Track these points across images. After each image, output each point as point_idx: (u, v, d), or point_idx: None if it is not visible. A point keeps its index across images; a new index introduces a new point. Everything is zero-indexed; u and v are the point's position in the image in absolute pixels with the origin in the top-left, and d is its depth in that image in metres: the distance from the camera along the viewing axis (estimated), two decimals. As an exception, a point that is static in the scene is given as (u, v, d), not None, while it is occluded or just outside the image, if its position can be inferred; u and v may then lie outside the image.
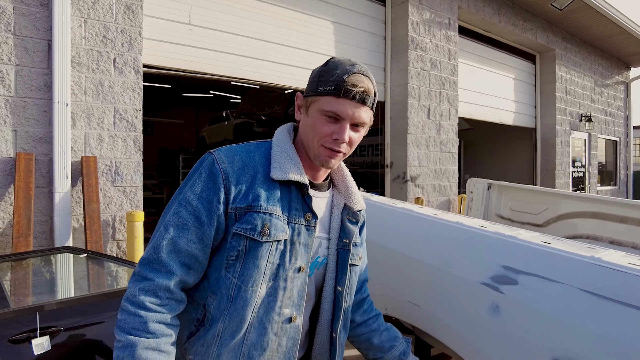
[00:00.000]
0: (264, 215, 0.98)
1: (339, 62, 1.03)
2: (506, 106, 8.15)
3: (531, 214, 3.43)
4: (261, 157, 1.04)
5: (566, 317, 1.16)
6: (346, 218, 1.15)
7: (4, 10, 3.10)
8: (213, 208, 0.96)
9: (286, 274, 1.01)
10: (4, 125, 3.09)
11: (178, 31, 4.22)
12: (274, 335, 1.01)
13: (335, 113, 0.99)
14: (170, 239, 0.94)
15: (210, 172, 0.98)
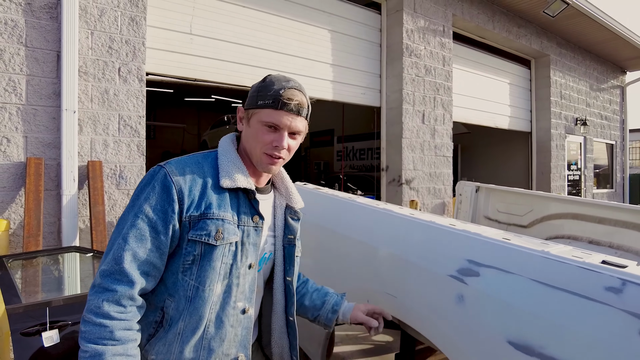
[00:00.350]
0: (217, 221, 1.07)
1: (275, 78, 1.16)
2: (502, 110, 8.31)
3: (517, 216, 3.58)
4: (209, 167, 1.13)
5: (518, 304, 1.32)
6: (289, 217, 1.29)
7: (16, 23, 3.29)
8: (168, 218, 1.03)
9: (238, 271, 1.12)
10: (15, 131, 3.27)
11: (180, 40, 4.40)
12: (230, 327, 1.11)
13: (274, 124, 1.12)
14: (130, 249, 1.00)
15: (164, 184, 1.04)
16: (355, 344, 3.69)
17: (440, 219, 1.76)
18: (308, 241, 2.47)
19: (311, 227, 2.41)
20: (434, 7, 6.33)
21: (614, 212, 3.01)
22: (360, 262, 1.94)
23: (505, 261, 1.40)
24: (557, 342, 1.21)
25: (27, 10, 3.34)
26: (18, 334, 1.66)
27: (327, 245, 2.21)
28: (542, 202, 3.42)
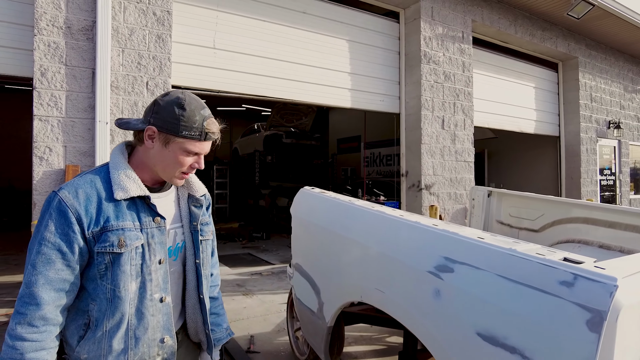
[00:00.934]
0: (117, 232, 1.16)
1: (194, 106, 1.24)
2: (527, 115, 8.20)
3: (528, 220, 3.59)
4: (102, 182, 1.20)
5: (486, 298, 1.43)
6: (191, 205, 1.40)
7: (58, 45, 3.65)
8: (71, 239, 1.12)
9: (149, 269, 1.23)
10: (56, 142, 3.62)
11: (203, 55, 4.69)
12: (151, 316, 1.24)
13: (199, 152, 1.26)
14: (39, 273, 1.09)
15: (59, 210, 1.12)
16: (369, 344, 3.79)
17: (426, 219, 1.88)
18: (312, 242, 2.63)
19: (315, 229, 2.57)
20: (452, 14, 6.38)
21: (625, 217, 2.99)
22: (355, 260, 2.08)
23: (476, 258, 1.51)
24: (517, 333, 1.32)
25: (67, 33, 3.70)
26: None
27: (328, 245, 2.36)
28: (553, 207, 3.42)
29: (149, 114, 1.25)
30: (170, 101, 1.23)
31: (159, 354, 1.27)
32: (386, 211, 2.04)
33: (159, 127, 1.22)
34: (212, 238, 1.52)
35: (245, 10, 5.02)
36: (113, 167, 1.23)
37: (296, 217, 2.79)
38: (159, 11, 4.10)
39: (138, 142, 1.29)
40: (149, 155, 1.26)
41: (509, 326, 1.35)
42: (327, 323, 2.34)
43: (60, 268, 1.12)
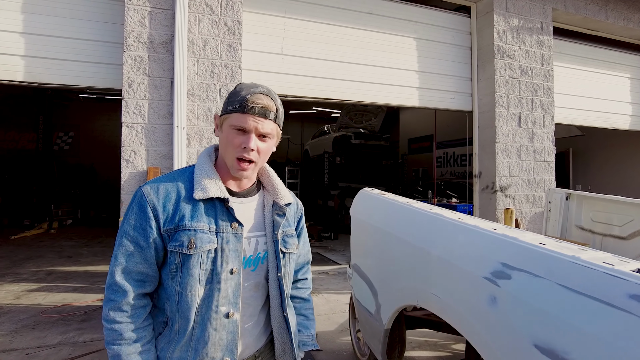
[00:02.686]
0: (189, 232, 1.13)
1: (244, 85, 1.21)
2: (620, 109, 7.38)
3: (614, 226, 3.24)
4: (185, 181, 1.19)
5: (546, 309, 1.34)
6: (275, 213, 1.31)
7: (142, 58, 4.03)
8: (147, 234, 1.13)
9: (219, 277, 1.16)
10: (140, 146, 4.00)
11: (272, 61, 4.88)
12: (213, 330, 1.16)
13: (242, 127, 1.16)
14: (119, 265, 1.13)
15: (140, 205, 1.15)
16: (433, 350, 3.69)
17: (486, 223, 1.79)
18: (370, 243, 2.62)
19: (373, 230, 2.56)
20: (529, 4, 5.96)
21: None
22: (411, 263, 2.05)
23: (535, 265, 1.41)
24: (580, 349, 1.22)
25: (150, 47, 4.07)
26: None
27: (385, 247, 2.35)
28: (644, 211, 3.07)
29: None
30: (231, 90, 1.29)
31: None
32: (444, 214, 1.98)
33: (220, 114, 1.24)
34: (298, 254, 1.43)
35: (312, 15, 5.13)
36: (198, 167, 1.22)
37: (355, 217, 2.81)
38: (229, 21, 4.35)
39: None
40: (220, 150, 1.26)
41: (571, 340, 1.25)
42: (384, 325, 2.33)
43: (138, 261, 1.14)
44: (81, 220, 12.71)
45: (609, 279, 1.20)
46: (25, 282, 5.69)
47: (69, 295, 5.03)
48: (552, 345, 1.29)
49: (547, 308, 1.34)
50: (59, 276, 6.03)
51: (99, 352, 3.46)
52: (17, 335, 3.82)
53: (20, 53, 4.00)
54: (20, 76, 3.99)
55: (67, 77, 4.16)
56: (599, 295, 1.21)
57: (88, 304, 4.70)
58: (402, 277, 2.13)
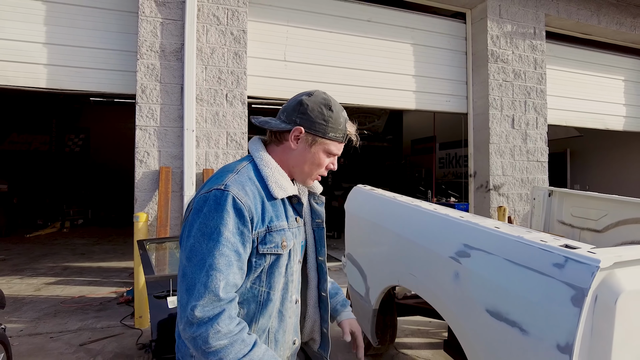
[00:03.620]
0: (280, 232, 1.14)
1: (338, 107, 1.22)
2: (614, 110, 7.60)
3: (591, 220, 3.50)
4: (259, 180, 1.16)
5: (494, 279, 1.62)
6: (314, 202, 1.37)
7: (154, 66, 4.35)
8: (246, 239, 1.07)
9: (292, 269, 1.21)
10: (153, 147, 4.32)
11: (275, 67, 5.19)
12: (289, 318, 1.22)
13: (336, 153, 1.24)
14: (224, 278, 1.02)
15: (236, 208, 1.05)
16: (425, 337, 3.95)
17: (455, 212, 2.07)
18: (360, 233, 2.90)
19: (363, 222, 2.85)
20: (522, 10, 6.21)
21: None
22: (394, 249, 2.33)
23: (489, 244, 1.69)
24: (517, 309, 1.50)
25: (162, 55, 4.39)
26: (152, 296, 2.23)
27: (373, 236, 2.63)
28: (617, 206, 3.31)
29: (293, 114, 1.19)
30: (317, 102, 1.19)
31: (288, 357, 1.26)
32: (422, 205, 2.26)
33: (306, 128, 1.18)
34: None
35: (313, 23, 5.43)
36: (264, 164, 1.18)
37: (348, 212, 3.09)
38: (235, 31, 4.66)
39: (275, 141, 1.24)
40: (289, 155, 1.22)
41: (511, 303, 1.54)
42: (372, 306, 2.61)
43: (235, 272, 1.05)
44: (92, 220, 13.11)
45: (541, 253, 1.48)
46: (43, 276, 6.03)
47: (85, 288, 5.36)
48: (498, 309, 1.57)
49: (496, 279, 1.62)
50: (74, 271, 6.37)
51: (116, 337, 3.78)
52: (40, 322, 4.14)
53: (43, 62, 4.34)
54: (44, 83, 4.33)
55: (86, 84, 4.49)
56: (533, 265, 1.50)
57: (103, 295, 5.03)
58: (386, 262, 2.41)
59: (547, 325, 1.38)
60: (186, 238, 1.08)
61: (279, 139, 1.24)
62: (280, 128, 1.20)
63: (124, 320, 4.15)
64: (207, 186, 1.12)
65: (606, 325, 1.36)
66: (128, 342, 3.68)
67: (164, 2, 4.44)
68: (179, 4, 4.46)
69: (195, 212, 1.08)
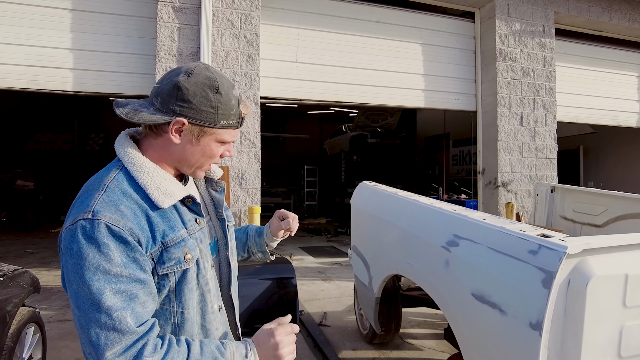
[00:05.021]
0: (179, 244, 0.97)
1: (227, 87, 1.00)
2: (628, 107, 7.57)
3: (591, 215, 3.59)
4: (136, 190, 0.95)
5: (479, 266, 1.78)
6: (212, 190, 1.19)
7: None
8: (142, 264, 0.90)
9: (205, 278, 1.04)
10: (171, 146, 4.56)
11: (287, 68, 5.39)
12: (215, 330, 1.07)
13: (232, 140, 1.05)
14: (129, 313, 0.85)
15: (115, 236, 0.87)
16: (430, 329, 4.11)
17: (449, 206, 2.24)
18: (365, 226, 3.08)
19: (367, 216, 3.03)
20: (531, 8, 6.27)
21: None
22: (393, 240, 2.51)
23: (475, 234, 1.85)
24: (498, 292, 1.66)
25: (179, 59, 4.63)
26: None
27: (376, 228, 2.81)
28: (616, 202, 3.40)
29: (171, 101, 0.96)
30: (199, 83, 0.97)
31: None
32: (419, 200, 2.43)
33: (190, 119, 0.97)
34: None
35: (324, 25, 5.61)
36: (137, 168, 0.97)
37: (354, 207, 3.27)
38: (248, 34, 4.87)
39: (152, 133, 1.01)
40: (171, 150, 1.01)
41: (493, 287, 1.70)
42: (375, 294, 2.79)
43: (144, 300, 0.89)
44: (113, 216, 13.55)
45: (519, 241, 1.64)
46: (70, 268, 6.37)
47: (109, 279, 5.67)
48: (482, 292, 1.74)
49: (480, 265, 1.78)
50: (98, 264, 6.70)
51: None
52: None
53: (70, 66, 4.63)
54: (70, 86, 4.62)
55: (108, 86, 4.77)
56: (512, 252, 1.66)
57: (126, 286, 5.32)
58: (387, 252, 2.58)
59: (521, 306, 1.54)
60: (68, 283, 0.87)
61: (156, 131, 1.00)
62: (154, 121, 0.97)
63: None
64: (72, 215, 0.90)
65: (578, 308, 1.51)
66: None
67: (181, 7, 4.68)
68: (195, 9, 4.68)
69: (67, 252, 0.86)
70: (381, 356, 3.46)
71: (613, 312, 1.57)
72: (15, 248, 8.07)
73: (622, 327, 1.59)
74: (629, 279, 1.57)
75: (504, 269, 1.65)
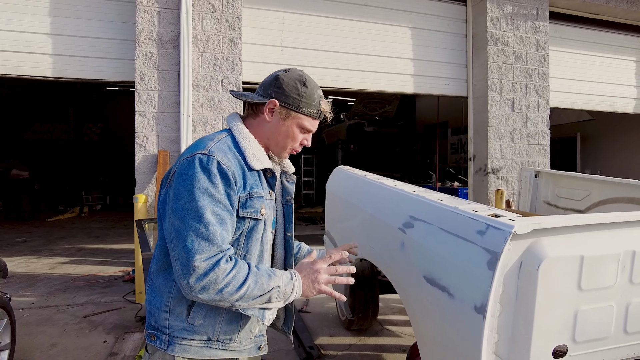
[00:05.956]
0: (260, 199, 1.21)
1: (313, 84, 1.28)
2: (624, 92, 7.40)
3: (574, 200, 3.51)
4: (237, 151, 1.21)
5: (431, 247, 1.72)
6: (285, 180, 1.42)
7: (152, 54, 4.52)
8: (232, 200, 1.14)
9: (267, 239, 1.28)
10: (151, 132, 4.51)
11: (271, 53, 5.29)
12: None
13: (311, 130, 1.30)
14: (220, 231, 1.09)
15: (221, 172, 1.11)
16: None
17: (410, 187, 2.17)
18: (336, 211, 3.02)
19: (338, 200, 2.96)
20: (524, -10, 6.11)
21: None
22: (358, 223, 2.45)
23: (429, 215, 1.79)
24: (447, 274, 1.60)
25: (159, 43, 4.55)
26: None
27: (345, 212, 2.75)
28: (599, 186, 3.32)
29: (269, 88, 1.26)
30: (292, 77, 1.26)
31: (258, 325, 1.31)
32: (385, 182, 2.36)
33: (281, 101, 1.24)
34: None
35: (310, 8, 5.49)
36: (242, 137, 1.24)
37: (328, 192, 3.21)
38: (230, 18, 4.78)
39: (252, 114, 1.30)
40: (264, 128, 1.28)
41: (442, 269, 1.64)
42: (344, 280, 2.74)
43: (229, 229, 1.13)
44: (110, 205, 13.61)
45: (469, 221, 1.58)
46: (59, 256, 6.39)
47: (95, 267, 5.67)
48: (432, 275, 1.68)
49: (432, 247, 1.72)
50: (88, 252, 6.71)
51: (118, 310, 4.03)
52: (50, 296, 4.44)
53: (48, 52, 4.57)
54: (49, 72, 4.56)
55: (89, 72, 4.70)
56: (461, 233, 1.59)
57: (111, 274, 5.31)
58: (353, 236, 2.53)
59: (467, 288, 1.47)
60: (173, 201, 1.10)
61: (255, 112, 1.30)
62: (256, 100, 1.27)
63: (127, 296, 4.40)
64: (189, 151, 1.16)
65: (530, 291, 1.44)
66: (128, 315, 3.93)
67: (161, -9, 4.58)
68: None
69: (181, 176, 1.11)
70: (358, 342, 3.42)
71: (567, 295, 1.50)
72: (9, 237, 8.10)
73: (576, 311, 1.53)
74: (584, 260, 1.50)
75: (453, 251, 1.59)
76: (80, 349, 3.23)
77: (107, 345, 3.30)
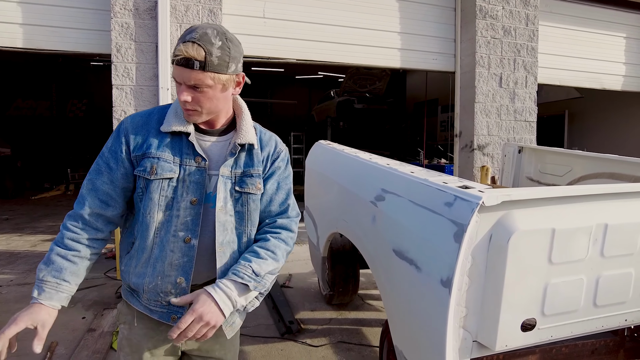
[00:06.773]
0: (152, 159, 1.22)
1: (185, 32, 1.18)
2: (613, 69, 7.36)
3: (556, 176, 3.50)
4: (160, 116, 1.28)
5: (400, 220, 1.68)
6: (229, 152, 1.31)
7: (128, 25, 4.35)
8: (118, 157, 1.24)
9: (179, 205, 1.25)
10: (129, 106, 4.38)
11: (254, 24, 5.13)
12: (170, 251, 1.25)
13: (175, 79, 1.19)
14: (89, 180, 1.25)
15: (118, 131, 1.27)
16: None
17: (383, 160, 2.12)
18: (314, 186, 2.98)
19: (316, 175, 2.92)
20: (515, -38, 5.96)
21: (652, 170, 2.84)
22: (334, 197, 2.41)
23: (400, 188, 1.75)
24: (414, 247, 1.57)
25: (136, 14, 4.38)
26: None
27: (322, 187, 2.70)
28: (580, 162, 3.30)
29: None
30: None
31: (171, 291, 1.26)
32: (360, 156, 2.31)
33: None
34: (268, 198, 1.41)
35: (294, -22, 5.30)
36: (173, 104, 1.31)
37: (307, 167, 3.16)
38: (210, -13, 4.60)
39: None
40: None
41: (410, 242, 1.60)
42: (321, 253, 2.72)
43: (105, 181, 1.24)
44: (97, 183, 13.42)
45: (437, 193, 1.53)
46: (41, 234, 6.30)
47: (78, 244, 5.60)
48: (401, 248, 1.65)
49: (401, 220, 1.68)
50: (72, 229, 6.63)
51: (98, 287, 4.00)
52: (30, 273, 4.38)
53: (19, 21, 4.37)
54: (20, 43, 4.38)
55: (63, 44, 4.52)
56: (429, 205, 1.55)
57: (94, 250, 5.26)
58: (330, 210, 2.49)
59: (434, 262, 1.44)
60: None
61: None
62: None
63: (108, 273, 4.36)
64: None
65: (499, 264, 1.41)
66: (109, 291, 3.90)
67: (137, -42, 4.38)
68: (152, -41, 4.39)
69: None
70: (339, 316, 3.44)
71: (537, 268, 1.48)
72: (-9, 214, 7.98)
73: (546, 285, 1.51)
74: (555, 233, 1.47)
75: (421, 223, 1.55)
76: (58, 325, 3.18)
77: (86, 321, 3.27)
